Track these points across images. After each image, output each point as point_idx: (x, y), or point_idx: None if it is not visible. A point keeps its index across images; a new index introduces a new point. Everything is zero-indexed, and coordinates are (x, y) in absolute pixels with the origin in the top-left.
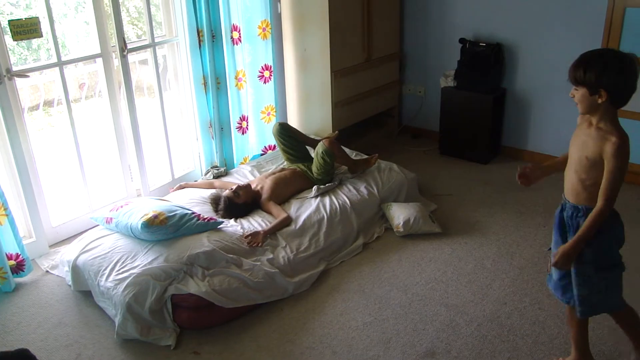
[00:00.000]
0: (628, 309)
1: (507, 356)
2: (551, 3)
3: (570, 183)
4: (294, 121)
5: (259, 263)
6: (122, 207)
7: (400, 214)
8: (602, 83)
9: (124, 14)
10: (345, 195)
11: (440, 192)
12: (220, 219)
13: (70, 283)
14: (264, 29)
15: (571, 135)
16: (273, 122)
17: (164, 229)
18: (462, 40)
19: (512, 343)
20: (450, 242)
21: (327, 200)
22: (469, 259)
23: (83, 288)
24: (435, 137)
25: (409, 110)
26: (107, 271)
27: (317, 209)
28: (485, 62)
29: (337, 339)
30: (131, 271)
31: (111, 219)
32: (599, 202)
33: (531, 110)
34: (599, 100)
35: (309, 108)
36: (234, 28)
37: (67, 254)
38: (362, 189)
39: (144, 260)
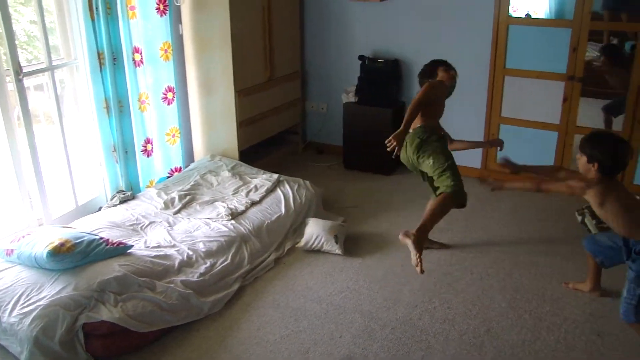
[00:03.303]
0: None
1: (421, 355)
2: (442, 21)
3: None
4: (198, 142)
5: (172, 285)
6: (23, 237)
7: (308, 231)
8: (595, 157)
9: None
10: (258, 213)
11: (346, 205)
12: (130, 244)
13: None
14: (165, 51)
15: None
16: (178, 144)
17: (71, 256)
18: (361, 57)
19: (425, 342)
20: (360, 252)
21: (240, 219)
22: (379, 267)
23: None
24: (340, 151)
25: (312, 127)
26: (9, 306)
27: (230, 229)
28: (384, 78)
29: (256, 354)
30: (37, 303)
31: (12, 250)
32: None
33: None
34: (592, 169)
35: (213, 128)
36: (136, 50)
37: None
38: (274, 206)
39: (51, 290)
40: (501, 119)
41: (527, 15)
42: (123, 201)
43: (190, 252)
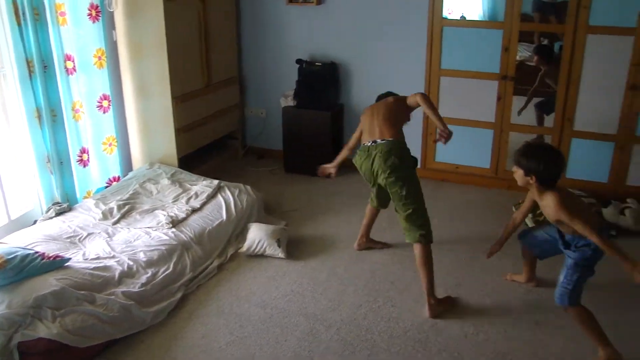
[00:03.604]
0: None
1: (367, 354)
2: (378, 23)
3: None
4: (137, 150)
5: (113, 297)
6: None
7: (250, 236)
8: (532, 170)
9: None
10: (199, 220)
11: (287, 209)
12: (67, 257)
13: None
14: (99, 58)
15: None
16: (115, 152)
17: (4, 273)
18: (298, 61)
19: (370, 341)
20: (303, 255)
21: (181, 227)
22: (322, 269)
23: None
24: (280, 155)
25: (252, 132)
26: None
27: (171, 237)
28: (322, 81)
29: None
30: None
31: None
32: None
33: None
34: (531, 181)
35: (151, 136)
36: (68, 57)
37: None
38: (215, 213)
39: None
40: None
41: (462, 17)
42: (59, 213)
43: (131, 263)
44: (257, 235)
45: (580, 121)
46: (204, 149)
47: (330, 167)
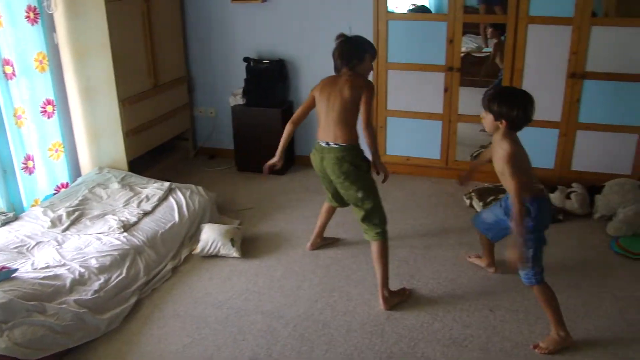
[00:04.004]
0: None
1: (325, 349)
2: (324, 20)
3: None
4: (85, 155)
5: (65, 305)
6: None
7: (204, 237)
8: (503, 114)
9: None
10: (151, 223)
11: (241, 208)
12: (15, 267)
13: None
14: (40, 62)
15: None
16: (62, 158)
17: None
18: (246, 59)
19: (328, 335)
20: (258, 253)
21: (133, 231)
22: (278, 266)
23: None
24: (231, 155)
25: (203, 132)
26: None
27: (123, 242)
28: (271, 78)
29: None
30: None
31: None
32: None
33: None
34: (500, 126)
35: (99, 140)
36: (6, 62)
37: None
38: (167, 215)
39: None
40: (387, 111)
41: (410, 9)
42: (5, 223)
43: (82, 270)
44: (210, 235)
45: None
46: (154, 151)
47: (274, 161)
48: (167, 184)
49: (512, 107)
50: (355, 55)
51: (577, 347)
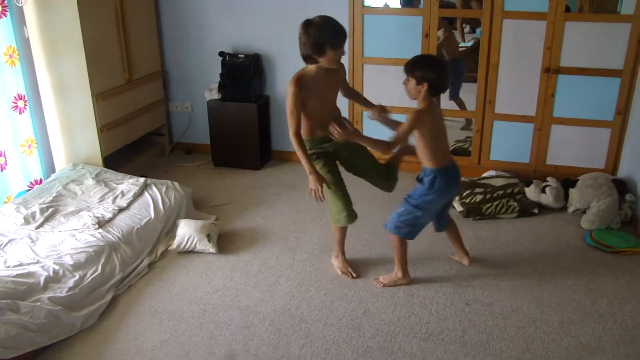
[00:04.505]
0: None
1: (302, 343)
2: (299, 14)
3: None
4: (59, 151)
5: (39, 303)
6: None
7: (180, 233)
8: (425, 78)
9: None
10: (126, 219)
11: (218, 203)
12: None
13: None
14: (10, 56)
15: None
16: (36, 154)
17: None
18: (221, 54)
19: (305, 330)
20: (234, 249)
21: (108, 227)
22: (254, 261)
23: None
24: (208, 150)
25: (178, 127)
26: None
27: (98, 238)
28: (246, 73)
29: None
30: None
31: None
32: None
33: None
34: (421, 89)
35: (73, 136)
36: None
37: None
38: (143, 211)
39: None
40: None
41: (386, 5)
42: None
43: (57, 267)
44: (186, 231)
45: (501, 104)
46: (129, 147)
47: (319, 182)
48: (142, 179)
49: (433, 70)
50: (314, 51)
51: (545, 338)
